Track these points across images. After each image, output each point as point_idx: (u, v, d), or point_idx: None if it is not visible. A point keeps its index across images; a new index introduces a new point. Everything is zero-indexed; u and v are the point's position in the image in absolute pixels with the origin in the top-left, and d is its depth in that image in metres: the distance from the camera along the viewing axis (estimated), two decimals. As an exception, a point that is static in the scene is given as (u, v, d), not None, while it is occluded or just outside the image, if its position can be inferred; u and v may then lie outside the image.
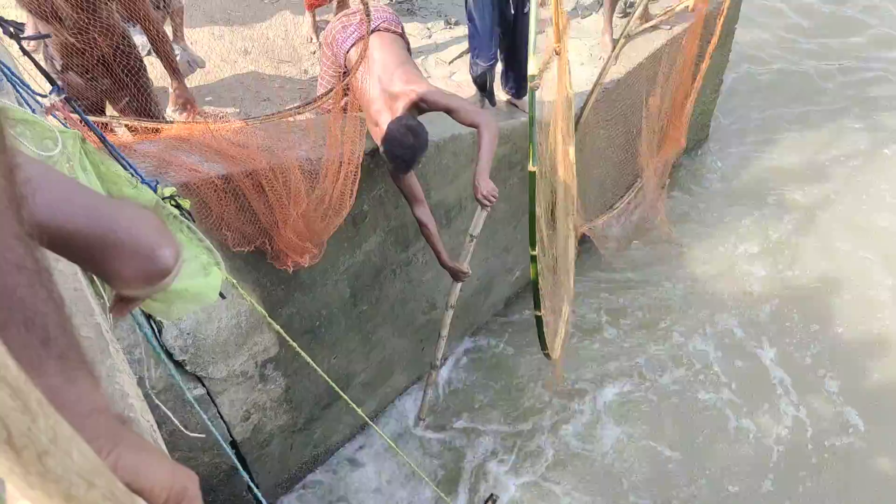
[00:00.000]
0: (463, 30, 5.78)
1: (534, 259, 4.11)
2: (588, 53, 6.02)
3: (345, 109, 3.79)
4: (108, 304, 1.59)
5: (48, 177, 0.94)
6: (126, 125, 3.80)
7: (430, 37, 5.93)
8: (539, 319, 4.37)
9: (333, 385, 3.86)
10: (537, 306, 4.30)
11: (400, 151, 3.72)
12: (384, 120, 3.83)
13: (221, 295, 1.80)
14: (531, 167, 3.86)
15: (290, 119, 3.59)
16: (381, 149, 3.79)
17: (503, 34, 4.85)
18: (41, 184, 0.91)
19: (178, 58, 4.66)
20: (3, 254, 0.55)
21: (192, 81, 5.08)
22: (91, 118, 2.44)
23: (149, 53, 4.61)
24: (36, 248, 0.59)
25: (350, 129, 3.73)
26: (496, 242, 5.61)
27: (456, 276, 4.53)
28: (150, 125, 3.49)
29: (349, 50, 3.99)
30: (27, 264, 0.57)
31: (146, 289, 1.02)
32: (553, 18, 4.85)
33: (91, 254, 0.95)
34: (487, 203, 3.98)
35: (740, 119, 7.81)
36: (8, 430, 0.41)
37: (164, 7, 4.66)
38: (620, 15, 6.26)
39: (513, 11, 4.75)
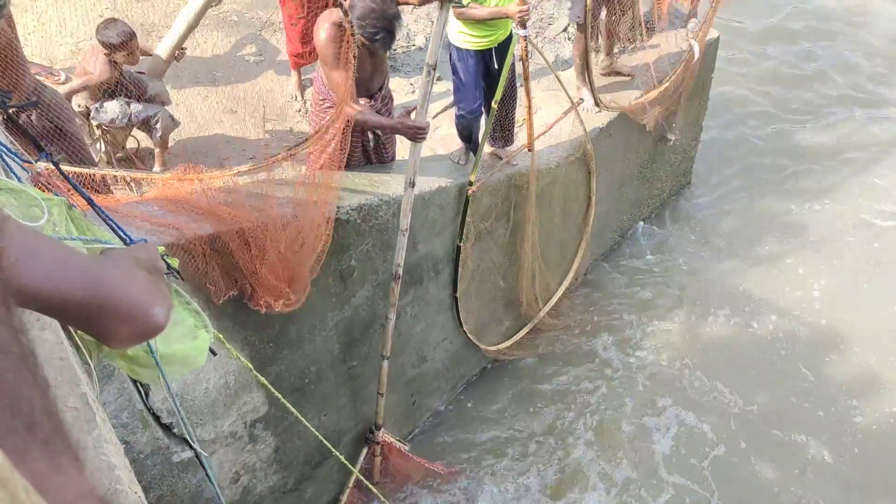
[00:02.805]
0: (446, 85, 5.87)
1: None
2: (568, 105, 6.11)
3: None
4: (94, 373, 1.57)
5: (41, 243, 0.95)
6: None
7: (413, 92, 6.02)
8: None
9: (325, 442, 3.81)
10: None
11: (382, 22, 3.70)
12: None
13: (212, 352, 1.79)
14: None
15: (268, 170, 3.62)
16: (358, 29, 3.73)
17: (487, 87, 4.92)
18: (35, 250, 0.92)
19: (159, 117, 4.71)
20: None
21: (179, 137, 5.12)
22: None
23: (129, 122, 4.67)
24: (21, 332, 0.58)
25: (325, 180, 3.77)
26: (484, 293, 5.61)
27: (413, 135, 4.05)
28: (139, 176, 3.51)
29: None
30: (13, 349, 0.56)
31: (139, 345, 1.07)
32: (526, 120, 5.03)
33: (86, 317, 0.97)
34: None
35: (722, 166, 7.92)
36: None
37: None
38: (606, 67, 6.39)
39: (497, 65, 4.82)
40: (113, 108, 4.62)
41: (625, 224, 7.09)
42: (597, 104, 5.76)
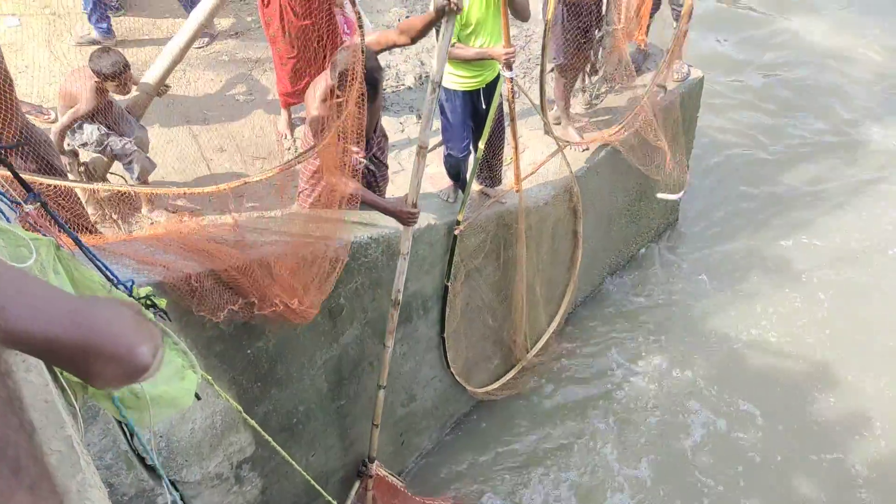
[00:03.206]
0: (434, 124, 5.91)
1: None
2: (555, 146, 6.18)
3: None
4: (79, 414, 1.55)
5: (27, 283, 0.95)
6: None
7: (402, 131, 6.07)
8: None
9: (314, 483, 3.76)
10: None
11: (358, 78, 3.67)
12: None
13: (197, 396, 1.77)
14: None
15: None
16: (340, 87, 3.73)
17: (476, 127, 4.96)
18: (21, 289, 0.92)
19: (133, 158, 4.70)
20: None
21: (168, 175, 5.13)
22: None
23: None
24: (7, 375, 0.58)
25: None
26: (473, 331, 5.60)
27: (405, 220, 4.07)
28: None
29: None
30: None
31: (126, 385, 1.06)
32: (513, 160, 5.09)
33: (72, 357, 0.97)
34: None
35: (708, 203, 7.99)
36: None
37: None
38: (587, 107, 6.47)
39: (484, 106, 4.88)
40: (90, 133, 4.56)
41: (613, 261, 7.11)
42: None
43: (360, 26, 3.77)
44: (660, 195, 6.66)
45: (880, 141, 8.58)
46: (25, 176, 2.54)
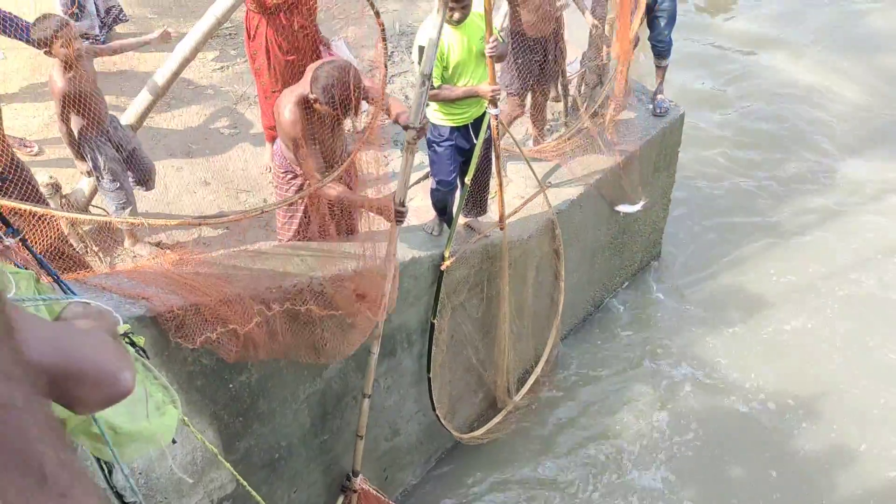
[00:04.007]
0: (420, 157, 5.94)
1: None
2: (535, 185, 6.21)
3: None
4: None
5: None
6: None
7: (387, 164, 6.08)
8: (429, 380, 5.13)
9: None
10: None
11: (346, 89, 3.67)
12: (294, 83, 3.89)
13: (173, 441, 1.75)
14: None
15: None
16: (324, 99, 3.74)
17: (463, 161, 4.99)
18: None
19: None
20: None
21: (152, 208, 5.11)
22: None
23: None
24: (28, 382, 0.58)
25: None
26: (458, 363, 5.57)
27: (395, 216, 4.09)
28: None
29: None
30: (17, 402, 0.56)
31: (105, 408, 1.09)
32: (497, 196, 5.12)
33: (55, 384, 0.97)
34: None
35: (690, 236, 8.06)
36: None
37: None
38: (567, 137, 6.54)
39: (471, 142, 4.90)
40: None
41: (596, 295, 7.13)
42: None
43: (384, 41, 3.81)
44: (618, 208, 6.64)
45: (855, 172, 8.71)
46: (10, 204, 2.52)
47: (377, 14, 3.86)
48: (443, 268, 4.87)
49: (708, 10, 11.58)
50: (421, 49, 4.24)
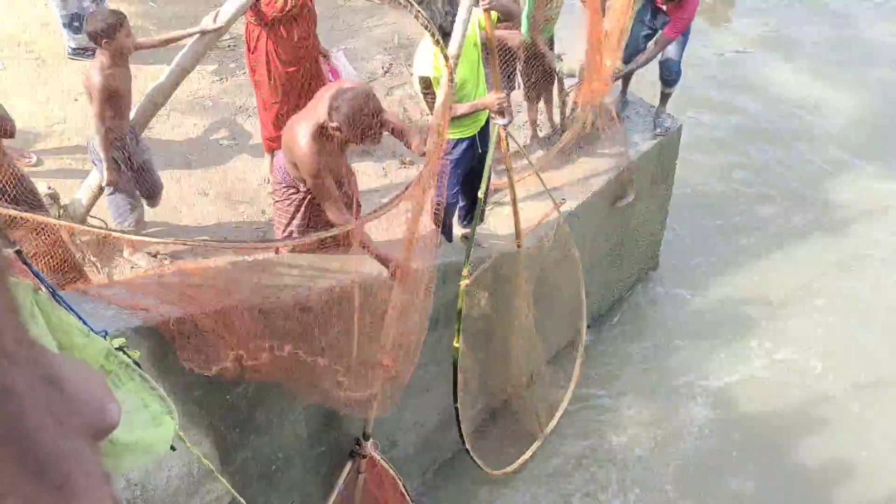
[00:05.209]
0: (406, 174, 5.95)
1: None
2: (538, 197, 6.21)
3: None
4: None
5: None
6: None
7: (385, 176, 6.10)
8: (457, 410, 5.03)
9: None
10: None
11: (371, 119, 3.60)
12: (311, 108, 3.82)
13: (172, 448, 1.74)
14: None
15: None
16: (347, 129, 3.63)
17: (466, 175, 4.98)
18: None
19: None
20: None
21: (149, 217, 5.11)
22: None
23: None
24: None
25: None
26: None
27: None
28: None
29: None
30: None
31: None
32: (514, 218, 5.09)
33: None
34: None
35: (688, 247, 8.06)
36: None
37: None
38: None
39: (480, 150, 4.88)
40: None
41: (596, 307, 7.13)
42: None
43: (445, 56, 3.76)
44: (617, 204, 6.61)
45: (854, 179, 8.74)
46: (12, 212, 2.53)
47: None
48: (462, 286, 4.72)
49: (707, 16, 11.65)
50: (422, 79, 4.24)
